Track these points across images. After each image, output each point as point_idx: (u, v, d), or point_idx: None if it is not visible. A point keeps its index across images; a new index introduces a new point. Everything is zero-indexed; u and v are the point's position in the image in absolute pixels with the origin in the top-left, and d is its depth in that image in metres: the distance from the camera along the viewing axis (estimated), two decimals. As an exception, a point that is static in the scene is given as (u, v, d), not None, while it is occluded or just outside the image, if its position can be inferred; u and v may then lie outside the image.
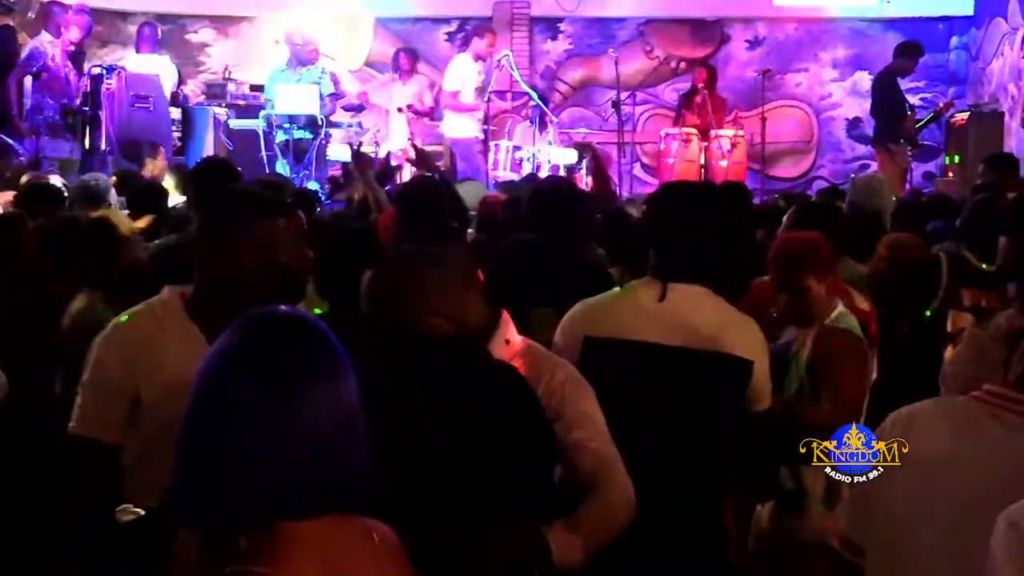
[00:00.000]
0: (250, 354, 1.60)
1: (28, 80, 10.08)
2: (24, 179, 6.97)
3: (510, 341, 2.54)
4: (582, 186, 8.54)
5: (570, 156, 10.68)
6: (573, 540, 2.34)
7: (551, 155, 10.72)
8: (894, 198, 6.75)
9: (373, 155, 9.99)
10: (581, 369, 2.80)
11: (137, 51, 11.57)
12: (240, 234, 2.68)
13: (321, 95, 11.16)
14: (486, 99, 11.15)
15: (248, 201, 2.81)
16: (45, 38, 10.11)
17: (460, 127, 11.14)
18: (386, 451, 1.73)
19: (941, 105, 11.77)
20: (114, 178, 7.25)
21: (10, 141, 9.27)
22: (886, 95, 11.16)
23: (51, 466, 2.92)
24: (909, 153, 11.15)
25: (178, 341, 2.70)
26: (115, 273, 3.97)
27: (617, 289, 3.42)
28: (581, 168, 10.39)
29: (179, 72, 11.82)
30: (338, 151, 10.94)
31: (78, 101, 10.05)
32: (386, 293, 2.47)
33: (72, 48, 10.27)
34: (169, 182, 7.35)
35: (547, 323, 3.34)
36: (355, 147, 8.29)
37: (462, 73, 11.15)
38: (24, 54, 10.01)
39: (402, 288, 2.44)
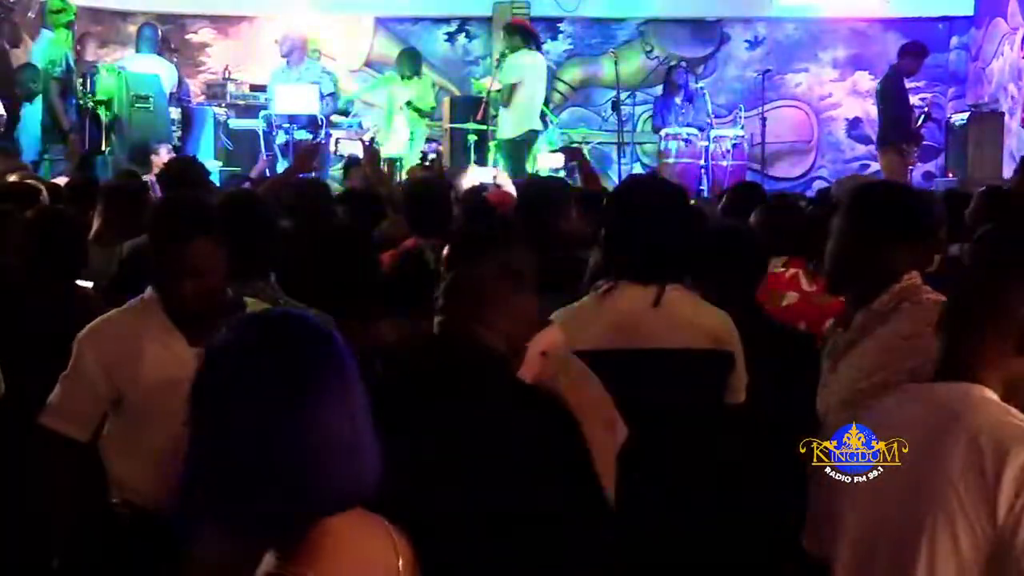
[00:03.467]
0: (261, 355, 1.58)
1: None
2: (13, 179, 6.93)
3: (547, 354, 2.34)
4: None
5: (556, 161, 10.60)
6: None
7: (542, 161, 10.70)
8: None
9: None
10: None
11: (137, 51, 11.56)
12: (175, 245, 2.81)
13: (321, 94, 11.14)
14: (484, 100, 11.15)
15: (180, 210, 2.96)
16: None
17: None
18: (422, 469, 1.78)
19: (928, 109, 11.76)
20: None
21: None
22: (896, 95, 11.00)
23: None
24: (915, 151, 11.12)
25: (158, 339, 2.76)
26: None
27: (591, 295, 3.02)
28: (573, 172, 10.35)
29: (178, 72, 11.80)
30: (348, 147, 10.97)
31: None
32: (463, 306, 2.25)
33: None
34: None
35: None
36: (367, 143, 8.52)
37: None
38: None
39: (482, 301, 2.23)
